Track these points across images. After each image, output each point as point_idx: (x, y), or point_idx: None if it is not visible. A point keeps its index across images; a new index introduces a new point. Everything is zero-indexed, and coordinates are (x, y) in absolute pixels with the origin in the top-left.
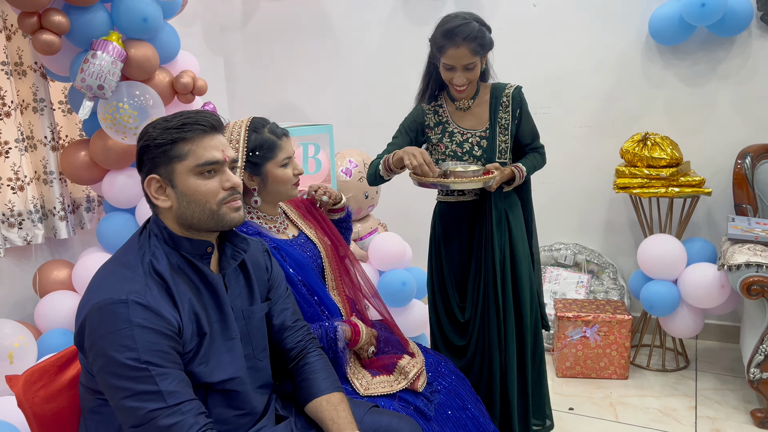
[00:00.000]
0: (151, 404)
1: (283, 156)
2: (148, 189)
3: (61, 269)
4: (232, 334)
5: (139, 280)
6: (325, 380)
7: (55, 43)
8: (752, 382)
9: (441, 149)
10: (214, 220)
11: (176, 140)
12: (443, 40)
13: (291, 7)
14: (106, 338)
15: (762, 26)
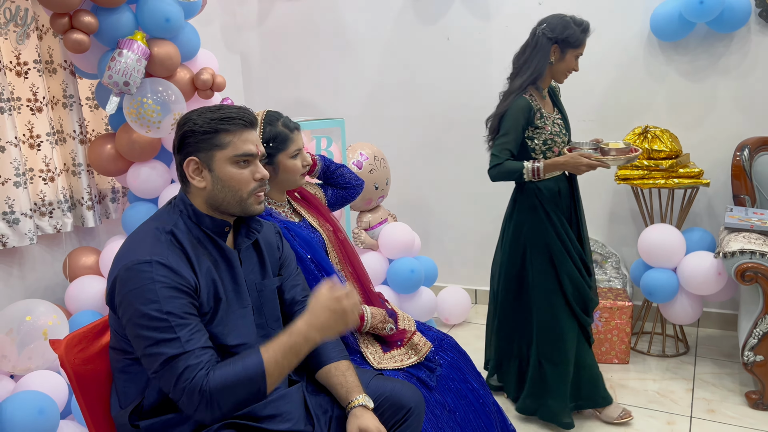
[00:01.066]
0: (169, 350)
1: (294, 148)
2: (186, 168)
3: (89, 255)
4: (244, 303)
5: (162, 246)
6: (333, 349)
7: (84, 42)
8: (746, 364)
9: (547, 131)
10: (240, 206)
11: (219, 130)
12: (583, 35)
13: (305, 7)
14: (133, 293)
15: (761, 22)
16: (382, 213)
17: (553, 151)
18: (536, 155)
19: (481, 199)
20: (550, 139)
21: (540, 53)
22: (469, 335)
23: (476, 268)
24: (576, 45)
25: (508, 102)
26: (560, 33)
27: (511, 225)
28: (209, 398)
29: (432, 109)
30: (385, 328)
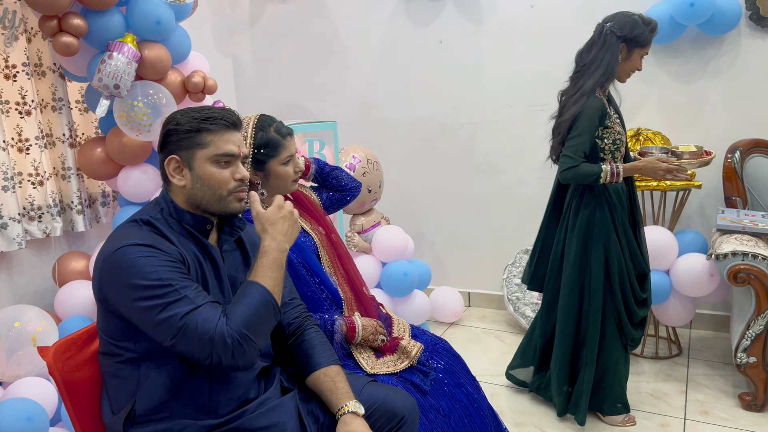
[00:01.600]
0: (182, 308)
1: (286, 155)
2: (167, 167)
3: (79, 260)
4: (226, 300)
5: (143, 233)
6: (322, 354)
7: (73, 45)
8: (739, 366)
9: (615, 131)
10: (220, 205)
11: (201, 129)
12: (651, 36)
13: (297, 10)
14: (127, 272)
15: (751, 25)
16: (375, 216)
17: (621, 151)
18: (605, 155)
19: (473, 202)
20: (618, 138)
21: (609, 51)
22: (462, 338)
23: (469, 270)
24: (643, 44)
25: (582, 103)
26: (629, 31)
27: (576, 223)
28: (240, 339)
29: (424, 112)
30: (376, 340)
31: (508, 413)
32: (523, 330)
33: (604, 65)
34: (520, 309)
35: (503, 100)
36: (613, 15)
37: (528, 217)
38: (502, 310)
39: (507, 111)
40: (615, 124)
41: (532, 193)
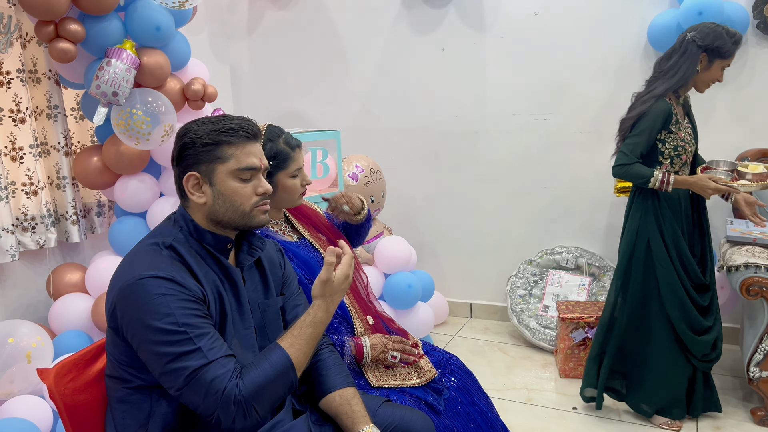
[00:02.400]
0: (194, 362)
1: (294, 167)
2: (185, 184)
3: (74, 272)
4: (247, 324)
5: (164, 260)
6: (337, 375)
7: (70, 51)
8: (752, 380)
9: (680, 137)
10: (244, 220)
11: (221, 142)
12: (734, 48)
13: (296, 17)
14: (141, 310)
15: (758, 34)
16: (378, 226)
17: (681, 158)
18: (663, 159)
19: (476, 211)
20: (681, 146)
21: (689, 60)
22: (465, 350)
23: (472, 281)
24: (726, 56)
25: (650, 104)
26: (711, 42)
27: (627, 226)
28: (246, 406)
29: (426, 121)
30: (387, 358)
31: (518, 429)
32: (528, 342)
33: (680, 73)
34: (524, 321)
35: (506, 108)
36: (697, 25)
37: (532, 227)
38: (505, 321)
39: (510, 120)
40: (681, 131)
41: (535, 202)
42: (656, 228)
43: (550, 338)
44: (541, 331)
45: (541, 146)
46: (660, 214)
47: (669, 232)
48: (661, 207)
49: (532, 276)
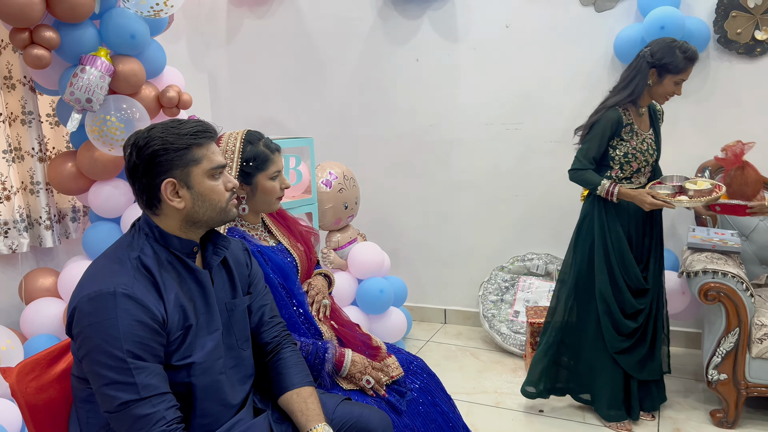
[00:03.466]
0: (125, 395)
1: (274, 169)
2: (164, 192)
3: (47, 277)
4: (213, 326)
5: (127, 273)
6: (297, 374)
7: (45, 58)
8: (711, 383)
9: (631, 145)
10: (221, 215)
11: (191, 145)
12: (687, 63)
13: (274, 26)
14: (93, 327)
15: (719, 48)
16: (352, 232)
17: (632, 165)
18: (614, 164)
19: (449, 219)
20: (632, 153)
21: (639, 75)
22: (438, 355)
23: (445, 287)
24: (675, 72)
25: (601, 114)
26: (660, 59)
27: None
28: None
29: (401, 129)
30: (361, 380)
31: (484, 431)
32: (499, 347)
33: (631, 87)
34: (495, 326)
35: (479, 118)
36: (654, 41)
37: (503, 234)
38: (478, 327)
39: (483, 129)
40: (634, 140)
41: (507, 210)
42: (600, 233)
43: (520, 343)
44: (511, 336)
45: (513, 155)
46: (606, 220)
47: (613, 237)
48: (607, 213)
49: (504, 282)
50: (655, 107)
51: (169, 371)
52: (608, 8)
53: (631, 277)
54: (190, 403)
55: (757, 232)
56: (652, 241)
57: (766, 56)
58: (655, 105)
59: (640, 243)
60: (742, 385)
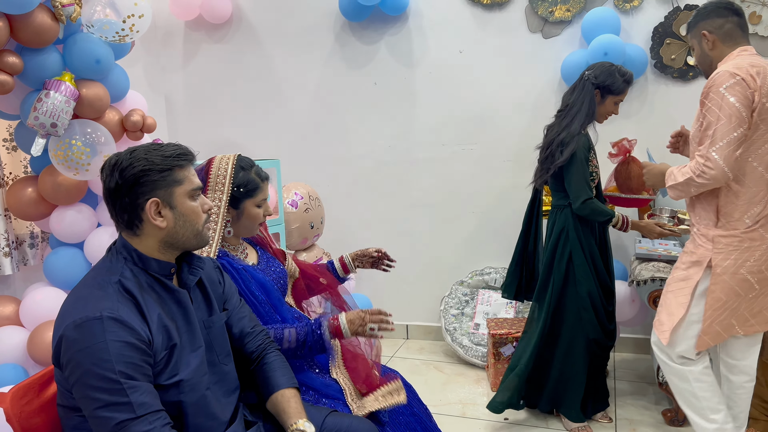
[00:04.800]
0: (121, 414)
1: (261, 197)
2: (148, 211)
3: (7, 305)
4: (196, 344)
5: (110, 298)
6: (281, 377)
7: (8, 83)
8: (661, 384)
9: (594, 164)
10: (197, 238)
11: (174, 167)
12: (626, 85)
13: (232, 50)
14: (83, 352)
15: (655, 72)
16: (317, 251)
17: (593, 183)
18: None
19: (410, 236)
20: (594, 172)
21: (587, 96)
22: (402, 370)
23: (407, 304)
24: (616, 92)
25: (576, 143)
26: (603, 80)
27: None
28: None
29: (360, 150)
30: (365, 331)
31: None
32: (461, 360)
33: (585, 108)
34: (457, 339)
35: (435, 138)
36: (593, 64)
37: (462, 249)
38: (440, 341)
39: (439, 149)
40: (594, 159)
41: (464, 226)
42: (578, 244)
43: (482, 354)
44: (473, 348)
45: (469, 174)
46: (580, 232)
47: (587, 248)
48: (582, 226)
49: (464, 296)
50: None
51: (159, 391)
52: (554, 35)
53: (603, 282)
54: (182, 421)
55: None
56: (606, 250)
57: (697, 80)
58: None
59: (603, 254)
60: None
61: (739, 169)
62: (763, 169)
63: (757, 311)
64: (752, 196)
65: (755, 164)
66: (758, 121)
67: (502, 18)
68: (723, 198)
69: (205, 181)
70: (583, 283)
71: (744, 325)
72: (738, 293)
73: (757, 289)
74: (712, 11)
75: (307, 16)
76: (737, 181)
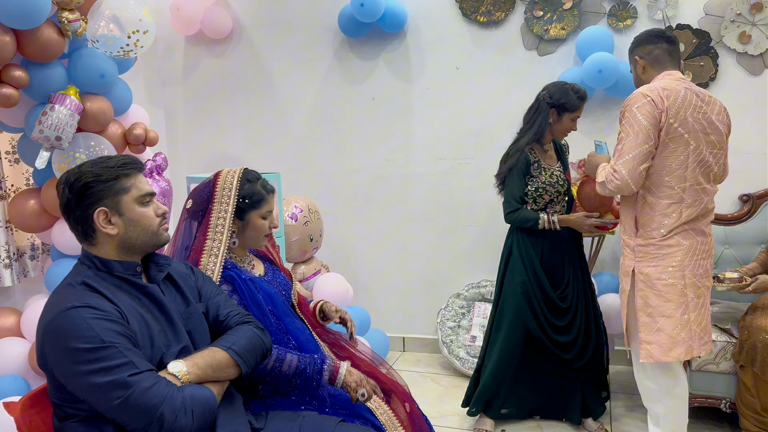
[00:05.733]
0: (126, 372)
1: (266, 209)
2: (96, 220)
3: (8, 316)
4: (180, 334)
5: (77, 293)
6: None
7: (14, 97)
8: None
9: (541, 180)
10: (153, 239)
11: (119, 176)
12: (580, 101)
13: (232, 65)
14: (66, 338)
15: None
16: (316, 264)
17: (544, 198)
18: (528, 199)
19: (406, 249)
20: (542, 187)
21: (541, 115)
22: None
23: (404, 316)
24: (571, 110)
25: (516, 157)
26: (557, 99)
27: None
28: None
29: (358, 164)
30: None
31: None
32: (458, 372)
33: (535, 127)
34: (454, 351)
35: (433, 153)
36: (548, 84)
37: (459, 263)
38: (436, 353)
39: (436, 164)
40: (542, 175)
41: (461, 240)
42: (519, 260)
43: None
44: (469, 360)
45: (465, 188)
46: (524, 250)
47: (529, 264)
48: (524, 243)
49: (460, 309)
50: (559, 143)
51: None
52: (549, 52)
53: (549, 298)
54: None
55: None
56: (572, 267)
57: None
58: (558, 141)
59: (559, 269)
60: None
61: (652, 183)
62: (674, 183)
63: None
64: (665, 208)
65: (667, 179)
66: (667, 140)
67: (498, 36)
68: (640, 209)
69: (211, 192)
70: (516, 277)
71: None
72: (667, 299)
73: (691, 297)
74: (645, 38)
75: (306, 32)
76: (651, 194)
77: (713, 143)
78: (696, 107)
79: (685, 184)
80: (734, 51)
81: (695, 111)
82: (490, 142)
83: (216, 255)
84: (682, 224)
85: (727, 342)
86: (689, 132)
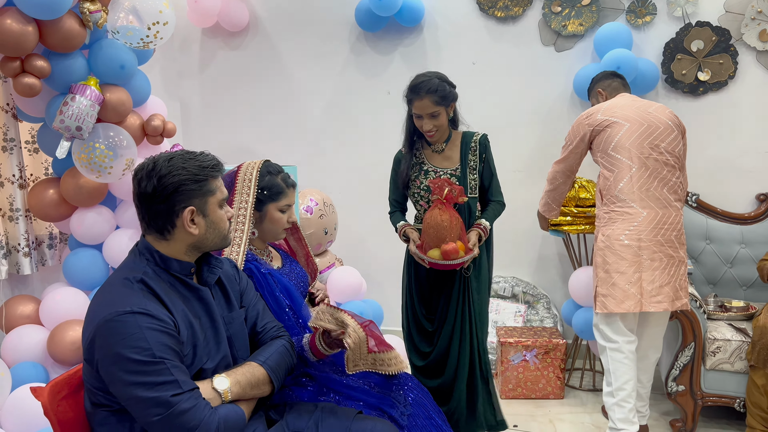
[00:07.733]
0: (170, 391)
1: (285, 202)
2: (184, 218)
3: (27, 304)
4: (220, 338)
5: (136, 295)
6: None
7: (36, 86)
8: (670, 394)
9: (417, 184)
10: (222, 243)
11: (209, 177)
12: (411, 94)
13: (248, 57)
14: (119, 344)
15: (666, 86)
16: (330, 257)
17: (420, 204)
18: (413, 201)
19: None
20: (417, 192)
21: (407, 115)
22: None
23: None
24: (408, 103)
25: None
26: (406, 94)
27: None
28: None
29: (373, 158)
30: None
31: None
32: None
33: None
34: None
35: None
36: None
37: None
38: None
39: None
40: (419, 179)
41: None
42: (407, 275)
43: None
44: None
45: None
46: (411, 263)
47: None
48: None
49: None
50: (469, 140)
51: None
52: (567, 48)
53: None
54: None
55: (704, 255)
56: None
57: (708, 95)
58: (470, 137)
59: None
60: (698, 395)
61: (611, 162)
62: (626, 159)
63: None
64: (616, 176)
65: (618, 156)
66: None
67: (515, 31)
68: (602, 183)
69: (233, 184)
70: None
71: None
72: (622, 257)
73: (645, 258)
74: (603, 77)
75: (323, 26)
76: (609, 171)
77: (653, 124)
78: (637, 107)
79: (630, 154)
80: (754, 49)
81: (634, 107)
82: (506, 138)
83: (238, 245)
84: (637, 190)
85: (742, 341)
86: (627, 119)
